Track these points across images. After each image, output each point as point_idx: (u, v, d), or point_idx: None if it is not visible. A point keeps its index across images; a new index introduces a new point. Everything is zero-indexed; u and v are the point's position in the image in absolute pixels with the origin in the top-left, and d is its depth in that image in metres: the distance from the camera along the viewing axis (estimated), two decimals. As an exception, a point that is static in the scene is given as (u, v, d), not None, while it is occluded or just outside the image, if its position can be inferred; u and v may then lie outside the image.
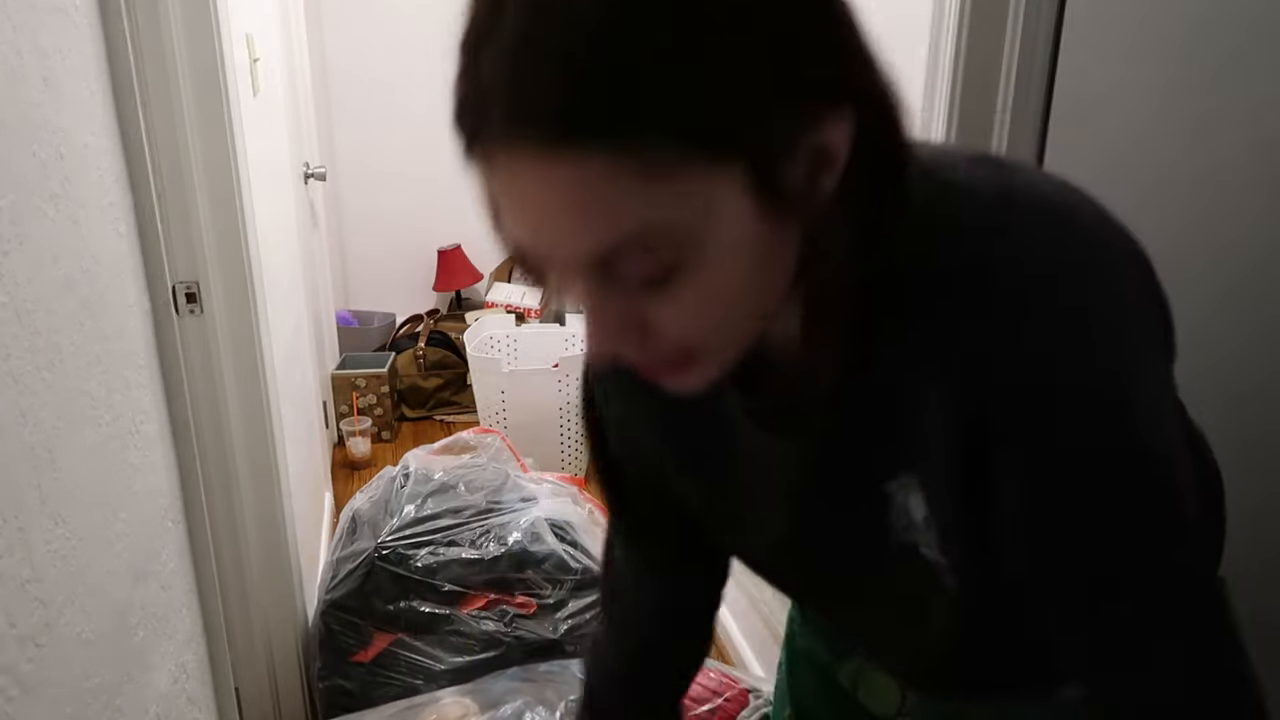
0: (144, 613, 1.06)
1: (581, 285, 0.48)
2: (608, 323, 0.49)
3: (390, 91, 3.78)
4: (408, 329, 3.83)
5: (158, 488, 1.16)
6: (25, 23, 0.84)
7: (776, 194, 0.46)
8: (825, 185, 0.47)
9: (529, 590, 1.91)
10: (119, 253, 1.09)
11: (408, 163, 3.87)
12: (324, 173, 3.16)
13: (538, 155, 0.43)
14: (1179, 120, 1.11)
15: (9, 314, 0.76)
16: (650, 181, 0.43)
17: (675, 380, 0.53)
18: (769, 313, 0.52)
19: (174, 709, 1.15)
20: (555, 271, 0.49)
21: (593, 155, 0.42)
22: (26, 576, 0.76)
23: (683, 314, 0.48)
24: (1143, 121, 1.14)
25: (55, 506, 0.82)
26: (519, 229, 0.48)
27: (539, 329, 3.42)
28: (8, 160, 0.78)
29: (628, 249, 0.45)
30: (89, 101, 1.02)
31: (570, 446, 3.05)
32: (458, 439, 2.34)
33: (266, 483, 1.69)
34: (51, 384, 0.83)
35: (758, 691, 1.65)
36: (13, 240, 0.77)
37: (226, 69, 1.47)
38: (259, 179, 1.76)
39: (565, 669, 1.70)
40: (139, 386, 1.11)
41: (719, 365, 0.52)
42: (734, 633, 2.21)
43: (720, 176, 0.44)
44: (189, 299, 1.47)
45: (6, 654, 0.72)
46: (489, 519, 1.98)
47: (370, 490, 2.15)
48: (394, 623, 1.85)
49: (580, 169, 0.42)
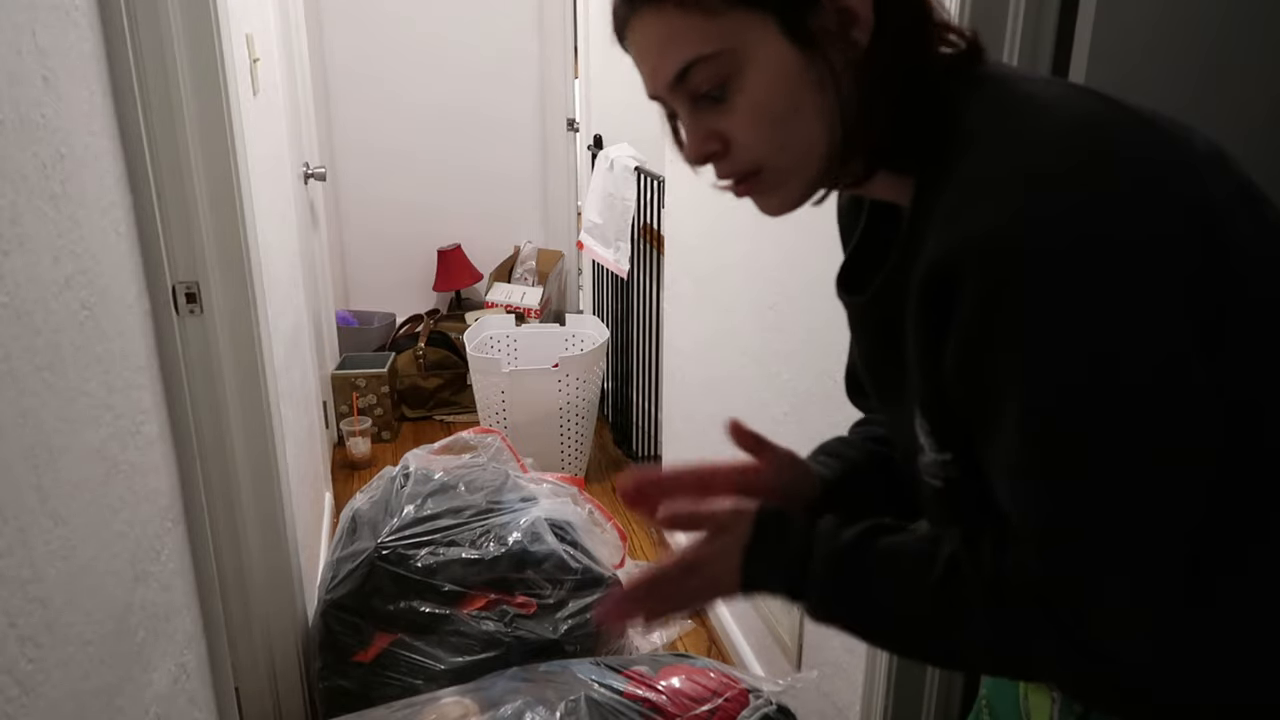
0: (144, 613, 1.06)
1: (678, 104, 0.68)
2: (698, 130, 0.68)
3: (390, 92, 3.78)
4: (408, 329, 3.83)
5: (158, 488, 1.16)
6: (25, 22, 0.84)
7: (805, 38, 0.63)
8: (856, 39, 0.63)
9: (529, 590, 1.91)
10: (119, 253, 1.09)
11: (408, 163, 3.88)
12: (324, 173, 3.16)
13: (641, 18, 0.66)
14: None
15: (9, 314, 0.76)
16: (708, 20, 0.63)
17: (760, 200, 0.70)
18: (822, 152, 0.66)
19: (174, 709, 1.15)
20: (667, 101, 0.69)
21: (668, 8, 0.64)
22: (26, 576, 0.76)
23: (741, 125, 0.66)
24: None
25: (55, 506, 0.82)
26: (645, 79, 0.69)
27: (539, 329, 3.42)
28: (8, 160, 0.78)
29: (697, 67, 0.65)
30: (89, 101, 1.02)
31: (570, 446, 3.05)
32: (458, 439, 2.34)
33: (266, 483, 1.69)
34: (51, 384, 0.83)
35: (758, 691, 1.65)
36: (13, 240, 0.77)
37: (226, 69, 1.47)
38: (259, 179, 1.76)
39: (565, 669, 1.70)
40: (139, 386, 1.11)
41: (789, 189, 0.68)
42: (734, 633, 2.21)
43: (756, 19, 0.63)
44: (189, 299, 1.47)
45: (6, 654, 0.72)
46: (489, 519, 1.98)
47: (370, 490, 2.15)
48: (394, 623, 1.85)
49: (663, 18, 0.65)
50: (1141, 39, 1.14)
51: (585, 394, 3.01)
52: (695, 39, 0.64)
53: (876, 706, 1.48)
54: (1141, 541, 0.58)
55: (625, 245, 2.97)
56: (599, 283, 3.55)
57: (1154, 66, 1.15)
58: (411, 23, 3.72)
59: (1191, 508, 0.58)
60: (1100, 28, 1.12)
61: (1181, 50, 1.16)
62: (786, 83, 0.64)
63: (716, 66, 0.64)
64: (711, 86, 0.65)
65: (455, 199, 3.97)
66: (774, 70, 0.63)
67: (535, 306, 3.76)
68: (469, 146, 3.91)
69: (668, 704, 1.60)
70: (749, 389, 2.01)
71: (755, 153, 0.67)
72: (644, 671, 1.69)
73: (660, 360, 2.81)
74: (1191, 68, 1.16)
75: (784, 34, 0.63)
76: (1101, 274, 0.55)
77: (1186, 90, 1.16)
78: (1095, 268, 0.55)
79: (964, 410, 0.63)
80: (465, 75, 3.82)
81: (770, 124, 0.65)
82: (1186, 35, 1.16)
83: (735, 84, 0.65)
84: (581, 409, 3.01)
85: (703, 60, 0.64)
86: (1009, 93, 0.64)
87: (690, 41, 0.64)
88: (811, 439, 0.91)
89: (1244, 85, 1.18)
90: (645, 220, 2.91)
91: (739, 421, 0.82)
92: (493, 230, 4.02)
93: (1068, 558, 0.59)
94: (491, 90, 3.87)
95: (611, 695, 1.60)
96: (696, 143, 0.68)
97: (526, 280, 3.91)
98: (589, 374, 3.01)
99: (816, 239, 0.82)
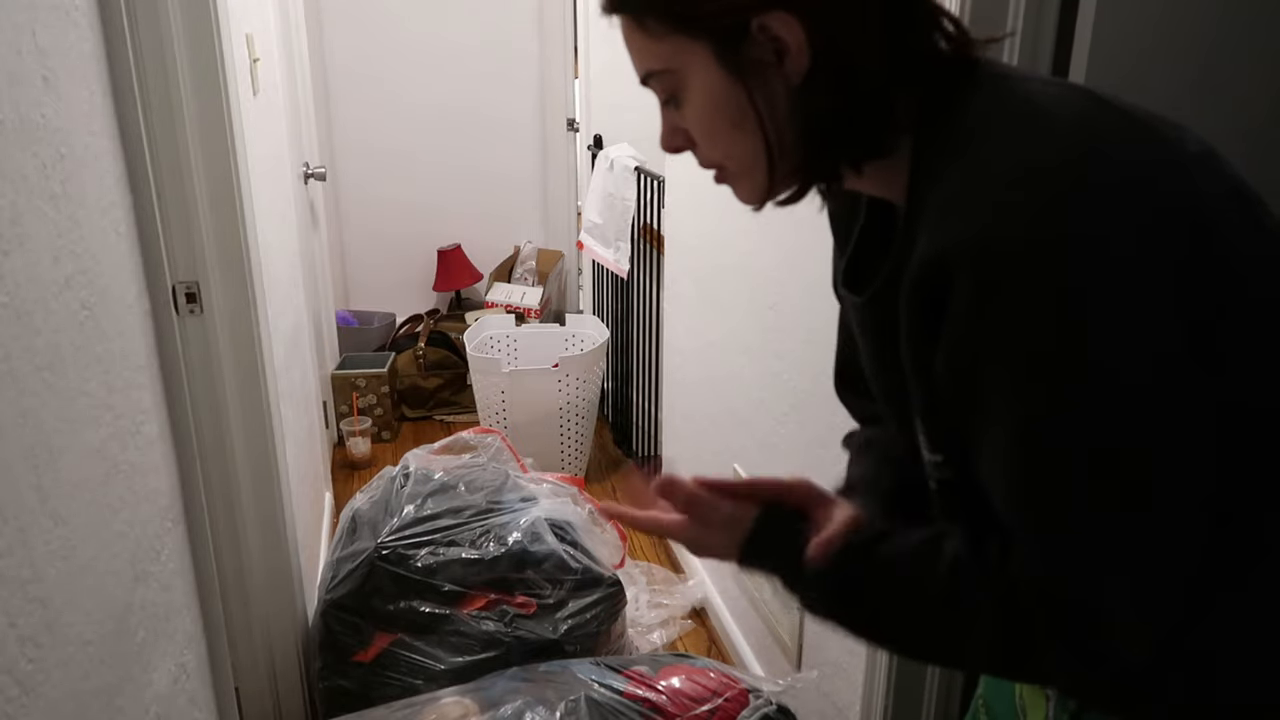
0: (144, 613, 1.06)
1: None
2: (665, 124, 0.74)
3: (390, 92, 3.78)
4: (408, 329, 3.83)
5: (158, 488, 1.16)
6: (25, 22, 0.84)
7: (737, 66, 0.66)
8: (790, 68, 0.65)
9: (529, 590, 1.91)
10: (119, 253, 1.09)
11: (408, 163, 3.87)
12: (324, 173, 3.16)
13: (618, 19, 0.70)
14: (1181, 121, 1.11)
15: (9, 314, 0.76)
16: (653, 40, 0.68)
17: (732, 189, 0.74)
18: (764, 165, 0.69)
19: (174, 709, 1.15)
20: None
21: (628, 20, 0.69)
22: (26, 576, 0.76)
23: (692, 129, 0.71)
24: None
25: (55, 506, 0.82)
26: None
27: (539, 329, 3.42)
28: (8, 160, 0.78)
29: (652, 77, 0.71)
30: (89, 101, 1.02)
31: (570, 446, 3.05)
32: (458, 439, 2.33)
33: (266, 483, 1.69)
34: (51, 384, 0.83)
35: (758, 691, 1.65)
36: (13, 240, 0.77)
37: (226, 69, 1.47)
38: (259, 179, 1.76)
39: (565, 669, 1.70)
40: (139, 386, 1.11)
41: (752, 185, 0.72)
42: (734, 633, 2.21)
43: (694, 45, 0.66)
44: (189, 299, 1.47)
45: (6, 654, 0.72)
46: (489, 519, 1.98)
47: (370, 490, 2.15)
48: (394, 623, 1.85)
49: (627, 27, 0.70)
50: (1141, 39, 1.14)
51: (585, 394, 3.01)
52: (647, 55, 0.70)
53: (876, 706, 1.48)
54: (1138, 541, 0.57)
55: (625, 245, 2.97)
56: (599, 283, 3.55)
57: (1154, 66, 1.15)
58: (411, 23, 3.72)
59: (1188, 507, 0.58)
60: (1100, 28, 1.12)
61: (1181, 50, 1.16)
62: (722, 104, 0.68)
63: (664, 80, 0.70)
64: (666, 96, 0.71)
65: (455, 199, 3.97)
66: (709, 92, 0.68)
67: (535, 306, 3.76)
68: (469, 146, 3.91)
69: (668, 704, 1.60)
70: (749, 389, 2.01)
71: (708, 154, 0.73)
72: (644, 671, 1.69)
73: (660, 360, 2.81)
74: (1191, 68, 1.16)
75: (717, 61, 0.66)
76: (1091, 275, 0.55)
77: (1186, 90, 1.16)
78: (1084, 269, 0.55)
79: (956, 412, 0.63)
80: (465, 75, 3.82)
81: (711, 136, 0.70)
82: (1186, 35, 1.16)
83: (681, 97, 0.70)
84: (581, 409, 3.01)
85: (653, 74, 0.70)
86: (1007, 93, 0.64)
87: (644, 56, 0.70)
88: (811, 439, 0.91)
89: (1244, 85, 1.18)
90: (645, 220, 2.91)
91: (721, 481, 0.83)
92: (493, 230, 4.02)
93: (1064, 559, 0.59)
94: (491, 90, 3.87)
95: (611, 695, 1.60)
96: (664, 135, 0.74)
97: (526, 280, 3.91)
98: (589, 374, 3.01)
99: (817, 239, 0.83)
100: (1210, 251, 0.57)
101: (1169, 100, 1.17)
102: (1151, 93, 1.16)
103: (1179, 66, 1.16)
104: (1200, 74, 1.17)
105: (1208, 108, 1.16)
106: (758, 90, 0.66)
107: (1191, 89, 1.16)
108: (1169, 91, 1.15)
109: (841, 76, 0.65)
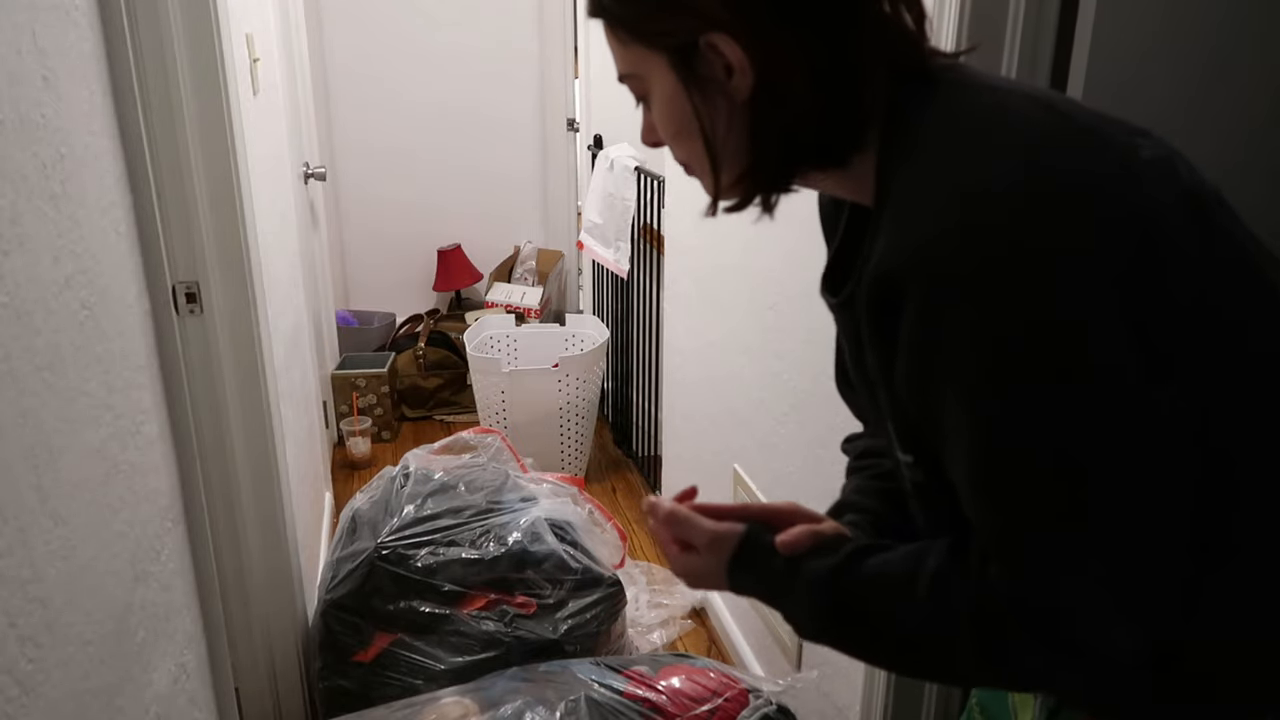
0: (144, 613, 1.06)
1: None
2: (643, 120, 0.77)
3: (390, 92, 3.78)
4: (408, 329, 3.83)
5: (158, 488, 1.16)
6: (25, 22, 0.84)
7: (690, 79, 0.69)
8: (737, 87, 0.68)
9: (529, 590, 1.91)
10: (119, 253, 1.09)
11: (408, 163, 3.87)
12: (324, 173, 3.16)
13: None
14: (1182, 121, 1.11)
15: (9, 314, 0.76)
16: (622, 46, 0.72)
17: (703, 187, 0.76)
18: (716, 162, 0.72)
19: (174, 709, 1.15)
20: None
21: (605, 25, 0.73)
22: (26, 576, 0.76)
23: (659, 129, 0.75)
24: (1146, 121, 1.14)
25: (55, 506, 0.82)
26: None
27: (539, 329, 3.42)
28: (8, 160, 0.78)
29: (626, 78, 0.74)
30: (89, 101, 1.02)
31: (570, 446, 3.05)
32: (458, 439, 2.33)
33: (266, 483, 1.69)
34: (51, 384, 0.83)
35: (758, 691, 1.65)
36: (13, 240, 0.77)
37: (226, 69, 1.47)
38: (259, 179, 1.76)
39: (565, 669, 1.70)
40: (139, 386, 1.11)
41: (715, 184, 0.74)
42: (734, 633, 2.21)
43: (653, 55, 0.70)
44: (189, 299, 1.47)
45: (6, 654, 0.72)
46: (489, 519, 1.98)
47: (370, 490, 2.15)
48: (394, 623, 1.85)
49: (605, 31, 0.73)
50: (1141, 39, 1.14)
51: (585, 394, 3.01)
52: (620, 59, 0.74)
53: (876, 706, 1.48)
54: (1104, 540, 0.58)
55: (625, 245, 2.97)
56: (599, 283, 3.55)
57: (1154, 66, 1.15)
58: (411, 22, 3.72)
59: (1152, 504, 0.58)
60: (1100, 28, 1.12)
61: (1182, 50, 1.16)
62: (674, 110, 0.72)
63: (633, 83, 0.74)
64: (637, 96, 0.76)
65: (455, 199, 3.97)
66: (664, 98, 0.72)
67: (535, 306, 3.76)
68: (469, 146, 3.91)
69: (668, 704, 1.60)
70: (749, 389, 2.01)
71: (674, 152, 0.77)
72: (644, 671, 1.69)
73: (660, 360, 2.81)
74: (1192, 67, 1.16)
75: (673, 71, 0.70)
76: (1033, 290, 0.56)
77: (1187, 90, 1.16)
78: (1026, 285, 0.56)
79: (918, 417, 0.64)
80: (465, 75, 3.82)
81: (672, 138, 0.75)
82: (1187, 35, 1.16)
83: (648, 99, 0.75)
84: (581, 409, 3.01)
85: (625, 76, 0.75)
86: (960, 103, 0.65)
87: (618, 59, 0.74)
88: (811, 439, 0.92)
89: (1244, 85, 1.18)
90: (645, 220, 2.91)
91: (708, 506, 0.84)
92: (493, 230, 4.02)
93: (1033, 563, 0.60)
94: (491, 90, 3.87)
95: (611, 695, 1.60)
96: (643, 130, 0.78)
97: (526, 280, 3.91)
98: (589, 374, 3.01)
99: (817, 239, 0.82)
100: (1157, 259, 0.57)
101: (1169, 100, 1.17)
102: (1151, 93, 1.17)
103: (1179, 67, 1.16)
104: (1200, 74, 1.17)
105: (1208, 108, 1.16)
106: (704, 102, 0.70)
107: (1191, 89, 1.16)
108: (1169, 92, 1.15)
109: (782, 95, 0.68)
